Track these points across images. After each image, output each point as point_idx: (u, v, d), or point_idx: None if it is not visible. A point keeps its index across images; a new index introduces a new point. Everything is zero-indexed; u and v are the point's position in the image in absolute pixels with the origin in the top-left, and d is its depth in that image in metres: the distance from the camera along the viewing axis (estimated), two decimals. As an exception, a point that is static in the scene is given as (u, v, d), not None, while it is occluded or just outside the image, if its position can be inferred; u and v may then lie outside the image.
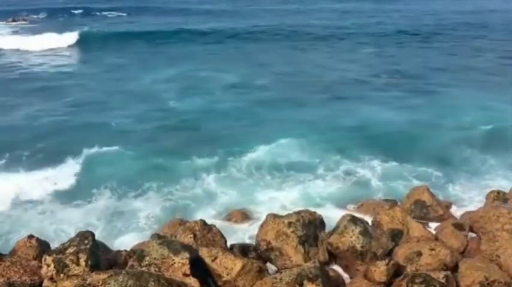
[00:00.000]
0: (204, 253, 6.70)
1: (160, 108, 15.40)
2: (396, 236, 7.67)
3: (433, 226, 8.28)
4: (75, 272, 6.15)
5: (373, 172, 10.69)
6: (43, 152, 11.58)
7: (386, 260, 6.71)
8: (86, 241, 6.57)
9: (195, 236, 7.27)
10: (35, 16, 49.00)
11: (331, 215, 8.51)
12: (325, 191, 9.81)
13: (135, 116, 14.60)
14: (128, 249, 7.45)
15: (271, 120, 14.29)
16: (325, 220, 7.87)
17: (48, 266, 6.17)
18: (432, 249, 6.99)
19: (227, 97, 16.81)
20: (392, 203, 9.06)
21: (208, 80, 19.40)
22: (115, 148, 11.92)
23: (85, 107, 15.85)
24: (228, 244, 7.51)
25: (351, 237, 7.11)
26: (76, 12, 52.57)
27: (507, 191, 9.19)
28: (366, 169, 10.84)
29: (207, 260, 6.61)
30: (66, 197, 9.63)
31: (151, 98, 16.79)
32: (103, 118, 14.38)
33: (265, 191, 9.93)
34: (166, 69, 21.70)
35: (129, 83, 19.19)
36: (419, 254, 6.96)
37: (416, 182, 9.98)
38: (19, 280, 6.34)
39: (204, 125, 13.78)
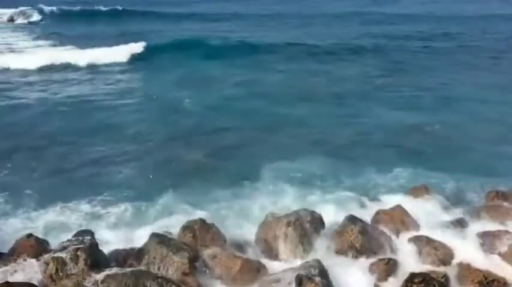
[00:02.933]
0: (203, 251, 6.71)
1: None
2: (396, 235, 7.66)
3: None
4: (74, 271, 6.15)
5: (372, 171, 10.69)
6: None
7: (386, 260, 6.72)
8: (85, 240, 6.58)
9: (194, 235, 7.28)
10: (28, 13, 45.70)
11: (331, 214, 8.52)
12: (322, 190, 9.80)
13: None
14: (128, 248, 7.43)
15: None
16: (325, 219, 7.89)
17: (47, 265, 6.16)
18: (432, 248, 6.99)
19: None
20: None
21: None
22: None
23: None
24: (228, 243, 7.51)
25: (350, 236, 7.11)
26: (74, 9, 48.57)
27: (506, 190, 9.19)
28: (365, 168, 10.84)
29: (207, 259, 6.62)
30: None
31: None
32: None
33: (267, 190, 9.93)
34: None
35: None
36: (419, 253, 6.95)
37: (416, 182, 9.97)
38: (18, 278, 6.33)
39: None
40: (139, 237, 7.94)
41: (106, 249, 7.31)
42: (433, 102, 16.34)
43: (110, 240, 7.83)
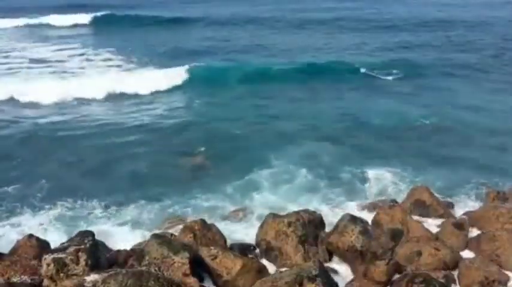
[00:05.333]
0: (204, 252, 6.71)
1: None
2: (396, 235, 7.67)
3: (433, 225, 8.27)
4: (75, 271, 6.15)
5: (372, 171, 10.70)
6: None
7: (386, 260, 6.72)
8: (86, 241, 6.58)
9: (195, 235, 7.29)
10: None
11: (331, 214, 8.53)
12: (322, 191, 9.82)
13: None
14: (128, 248, 7.45)
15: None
16: (325, 220, 7.91)
17: (48, 265, 6.16)
18: (432, 248, 6.99)
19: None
20: (392, 202, 9.05)
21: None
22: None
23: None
24: (228, 243, 7.52)
25: (351, 237, 7.11)
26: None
27: (507, 191, 9.20)
28: (364, 168, 10.84)
29: (207, 259, 6.62)
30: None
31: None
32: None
33: (265, 189, 9.96)
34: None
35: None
36: (419, 253, 6.96)
37: (416, 182, 9.98)
38: (19, 279, 6.34)
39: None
40: (140, 237, 7.99)
41: (107, 250, 7.34)
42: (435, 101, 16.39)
43: (111, 241, 7.87)
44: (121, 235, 8.20)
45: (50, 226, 8.56)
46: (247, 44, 28.22)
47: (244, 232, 8.19)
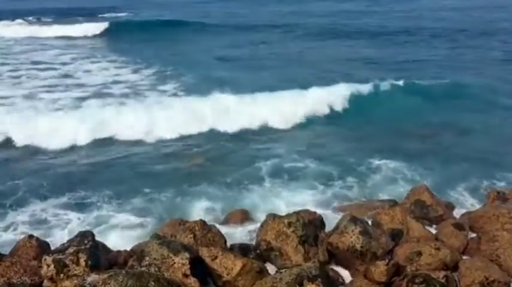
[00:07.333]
0: (204, 253, 6.71)
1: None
2: (396, 236, 7.67)
3: (433, 225, 8.27)
4: (75, 272, 6.15)
5: (373, 171, 10.70)
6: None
7: (386, 260, 6.72)
8: (86, 241, 6.58)
9: (195, 236, 7.28)
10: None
11: (331, 215, 8.53)
12: (324, 191, 9.82)
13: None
14: (128, 249, 7.44)
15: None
16: (325, 220, 7.89)
17: (48, 266, 6.17)
18: (432, 249, 6.99)
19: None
20: (392, 202, 9.05)
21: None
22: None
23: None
24: (228, 244, 7.52)
25: (351, 237, 7.10)
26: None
27: (507, 191, 9.20)
28: (365, 168, 10.84)
29: (207, 260, 6.63)
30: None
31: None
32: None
33: (264, 189, 9.97)
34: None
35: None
36: (419, 254, 6.95)
37: (416, 182, 9.98)
38: (19, 280, 6.35)
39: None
40: (140, 238, 7.99)
41: (107, 250, 7.33)
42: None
43: (111, 241, 7.86)
44: (120, 236, 8.21)
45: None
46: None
47: (244, 233, 8.19)
